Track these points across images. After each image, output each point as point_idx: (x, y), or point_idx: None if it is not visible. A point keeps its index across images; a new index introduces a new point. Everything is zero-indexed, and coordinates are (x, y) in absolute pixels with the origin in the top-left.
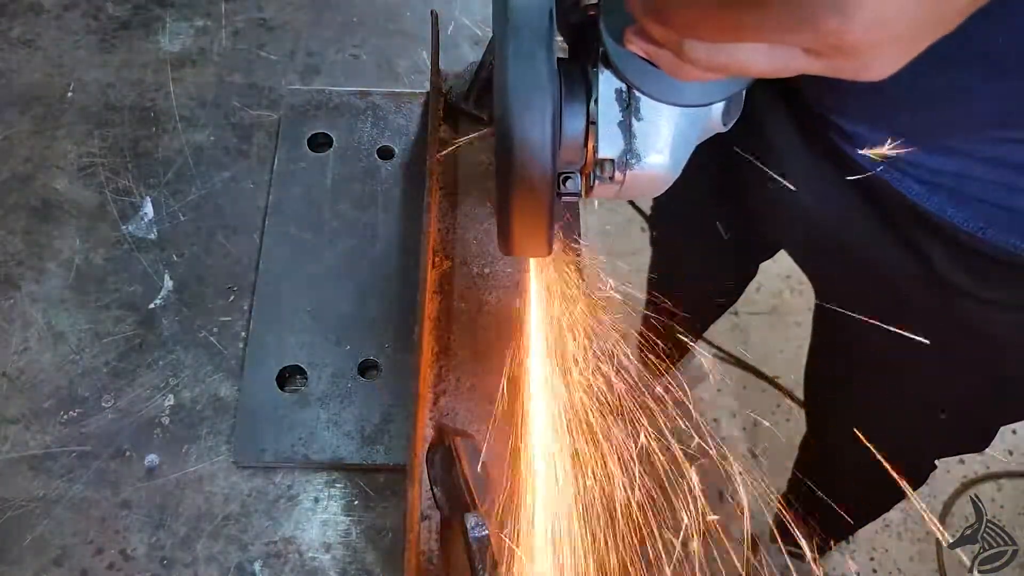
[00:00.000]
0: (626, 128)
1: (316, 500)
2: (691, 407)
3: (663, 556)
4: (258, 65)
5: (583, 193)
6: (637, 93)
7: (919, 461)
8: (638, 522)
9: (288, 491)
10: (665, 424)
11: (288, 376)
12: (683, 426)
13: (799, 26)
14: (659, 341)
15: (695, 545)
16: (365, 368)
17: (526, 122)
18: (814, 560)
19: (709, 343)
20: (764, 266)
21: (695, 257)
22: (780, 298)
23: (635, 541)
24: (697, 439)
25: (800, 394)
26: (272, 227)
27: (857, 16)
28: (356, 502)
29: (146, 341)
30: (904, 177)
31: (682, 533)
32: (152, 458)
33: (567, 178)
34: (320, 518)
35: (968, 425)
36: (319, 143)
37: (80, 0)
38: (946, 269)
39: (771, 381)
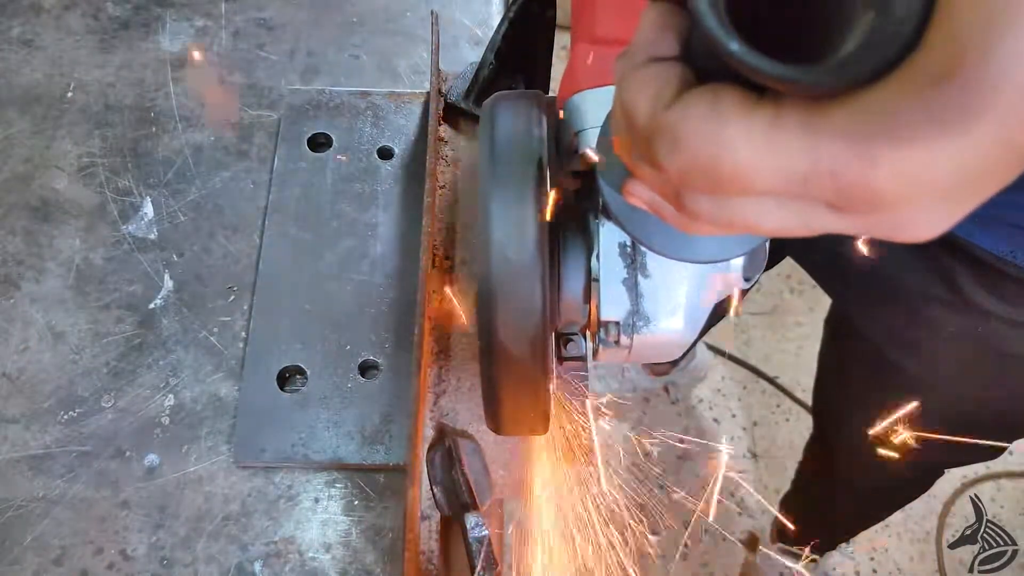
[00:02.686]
0: (632, 287)
1: (316, 500)
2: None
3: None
4: (258, 65)
5: (589, 355)
6: (643, 248)
7: (930, 470)
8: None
9: (288, 491)
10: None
11: (288, 376)
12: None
13: (813, 175)
14: None
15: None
16: (365, 368)
17: (510, 286)
18: (813, 560)
19: (709, 346)
20: None
21: None
22: (780, 298)
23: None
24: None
25: (799, 393)
26: (272, 227)
27: (884, 163)
28: (356, 502)
29: (146, 341)
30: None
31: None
32: (152, 458)
33: (568, 340)
34: (320, 518)
35: (985, 439)
36: (319, 143)
37: (80, 0)
38: (973, 292)
39: (771, 381)
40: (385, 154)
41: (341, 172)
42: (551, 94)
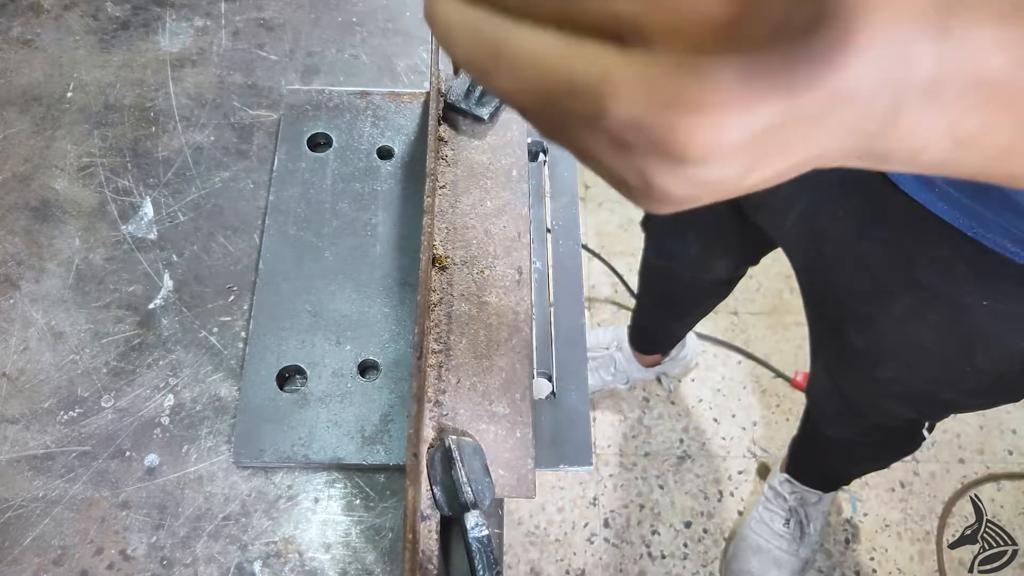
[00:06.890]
0: None
1: (316, 500)
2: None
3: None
4: (258, 65)
5: None
6: None
7: (906, 425)
8: None
9: (288, 491)
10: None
11: (288, 376)
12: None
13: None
14: (650, 330)
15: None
16: (365, 368)
17: None
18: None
19: (707, 337)
20: (764, 266)
21: (687, 243)
22: (779, 298)
23: None
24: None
25: (798, 393)
26: (272, 227)
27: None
28: (356, 502)
29: (146, 341)
30: (935, 198)
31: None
32: (152, 458)
33: None
34: (320, 518)
35: (968, 409)
36: (319, 143)
37: (80, 0)
38: (965, 283)
39: (769, 366)
40: (385, 154)
41: (341, 172)
42: None
